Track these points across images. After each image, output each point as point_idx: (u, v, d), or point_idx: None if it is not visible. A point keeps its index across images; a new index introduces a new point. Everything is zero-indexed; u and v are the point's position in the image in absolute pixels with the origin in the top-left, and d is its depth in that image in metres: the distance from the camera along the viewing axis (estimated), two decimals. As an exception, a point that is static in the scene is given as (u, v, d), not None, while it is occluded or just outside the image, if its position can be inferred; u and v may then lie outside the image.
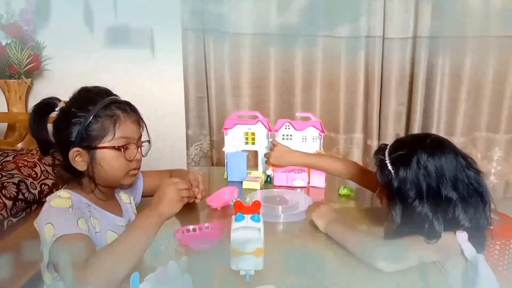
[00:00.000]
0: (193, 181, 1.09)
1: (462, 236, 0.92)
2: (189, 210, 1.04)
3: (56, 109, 0.94)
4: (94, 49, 1.89)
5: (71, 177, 0.96)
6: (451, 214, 0.90)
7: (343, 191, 1.29)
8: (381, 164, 0.98)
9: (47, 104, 0.95)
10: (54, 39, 1.91)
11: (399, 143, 1.01)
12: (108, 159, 0.92)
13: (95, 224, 0.92)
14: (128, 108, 0.95)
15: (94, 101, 0.92)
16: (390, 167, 0.96)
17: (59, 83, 1.95)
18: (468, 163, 0.95)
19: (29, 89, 1.96)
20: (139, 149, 0.98)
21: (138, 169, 1.00)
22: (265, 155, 1.33)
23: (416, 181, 0.92)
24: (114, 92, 0.99)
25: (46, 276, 0.93)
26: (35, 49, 1.89)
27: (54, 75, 1.97)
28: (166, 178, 1.14)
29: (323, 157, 1.30)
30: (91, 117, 0.90)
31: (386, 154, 0.98)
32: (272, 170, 1.33)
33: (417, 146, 0.95)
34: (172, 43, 1.89)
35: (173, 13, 1.86)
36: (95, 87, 0.96)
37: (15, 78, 1.88)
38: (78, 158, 0.92)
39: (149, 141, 1.01)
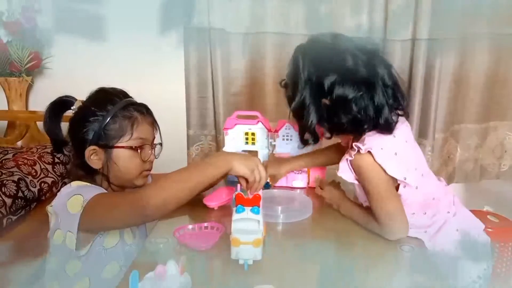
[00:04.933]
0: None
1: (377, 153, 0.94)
2: (188, 209, 1.04)
3: (72, 108, 0.97)
4: (94, 48, 1.90)
5: (83, 175, 0.98)
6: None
7: None
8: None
9: (64, 102, 0.98)
10: (55, 37, 1.91)
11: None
12: (124, 159, 0.95)
13: None
14: (145, 110, 0.99)
15: (112, 102, 0.95)
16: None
17: (60, 81, 1.95)
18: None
19: (29, 87, 1.96)
20: (153, 151, 1.01)
21: (150, 170, 1.02)
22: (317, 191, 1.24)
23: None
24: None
25: (51, 261, 0.93)
26: (36, 47, 1.89)
27: (55, 74, 1.97)
28: None
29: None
30: (110, 116, 0.93)
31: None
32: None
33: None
34: (173, 43, 1.89)
35: (174, 11, 1.85)
36: (112, 88, 1.00)
37: (15, 76, 1.88)
38: (93, 157, 0.94)
39: (161, 144, 1.04)
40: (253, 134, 1.38)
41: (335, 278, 0.85)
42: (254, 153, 1.42)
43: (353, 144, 0.97)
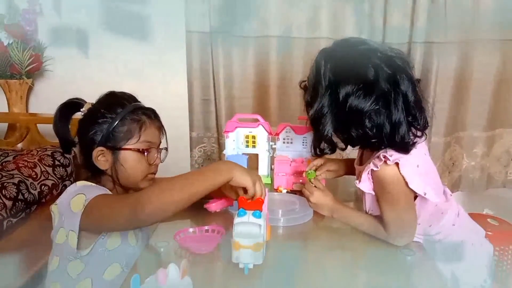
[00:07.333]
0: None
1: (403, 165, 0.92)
2: (189, 212, 1.04)
3: (81, 110, 0.99)
4: (96, 50, 1.90)
5: (90, 176, 1.00)
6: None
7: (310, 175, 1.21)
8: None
9: (73, 104, 1.00)
10: (56, 40, 1.91)
11: None
12: (131, 161, 0.97)
13: None
14: (153, 115, 1.02)
15: (122, 105, 0.97)
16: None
17: (60, 84, 1.95)
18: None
19: (30, 89, 1.96)
20: (159, 154, 1.02)
21: (155, 173, 1.03)
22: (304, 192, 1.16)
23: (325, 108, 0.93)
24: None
25: (53, 261, 0.94)
26: (37, 50, 1.89)
27: (55, 76, 1.98)
28: None
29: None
30: (119, 119, 0.95)
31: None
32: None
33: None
34: (175, 46, 1.89)
35: (177, 15, 1.85)
36: (122, 92, 1.02)
37: (16, 78, 1.88)
38: (101, 158, 0.96)
39: (166, 148, 1.06)
40: (253, 137, 1.38)
41: (336, 282, 0.85)
42: (254, 156, 1.42)
43: (381, 154, 0.93)
